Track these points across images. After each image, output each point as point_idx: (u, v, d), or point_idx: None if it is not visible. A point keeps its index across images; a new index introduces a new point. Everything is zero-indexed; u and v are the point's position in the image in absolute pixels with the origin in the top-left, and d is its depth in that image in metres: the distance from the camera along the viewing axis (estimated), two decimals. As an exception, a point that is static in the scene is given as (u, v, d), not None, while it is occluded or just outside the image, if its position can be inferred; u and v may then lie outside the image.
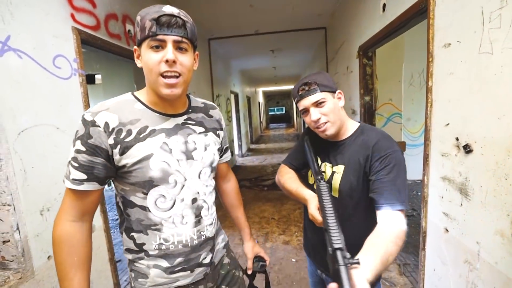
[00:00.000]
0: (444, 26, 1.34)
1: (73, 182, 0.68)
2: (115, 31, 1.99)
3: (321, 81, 0.89)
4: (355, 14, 2.79)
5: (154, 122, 0.74)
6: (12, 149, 1.18)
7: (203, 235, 0.82)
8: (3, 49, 1.17)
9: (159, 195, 0.74)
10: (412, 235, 2.73)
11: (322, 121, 0.89)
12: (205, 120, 0.87)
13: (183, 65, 0.70)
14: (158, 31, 0.66)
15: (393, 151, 0.83)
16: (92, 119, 0.68)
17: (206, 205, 0.84)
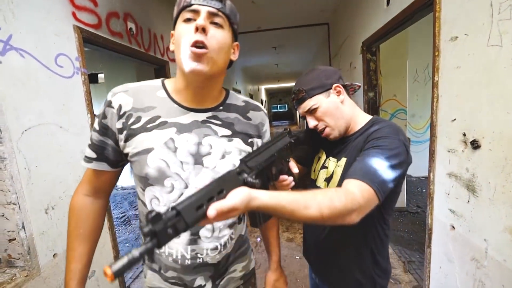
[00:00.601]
0: (451, 19, 1.31)
1: (84, 159, 0.69)
2: (117, 29, 1.98)
3: (309, 84, 0.84)
4: (358, 9, 2.75)
5: (169, 113, 0.66)
6: (16, 148, 1.18)
7: (199, 258, 0.69)
8: (5, 48, 1.17)
9: (153, 196, 0.68)
10: (417, 232, 2.71)
11: (321, 127, 0.85)
12: (237, 122, 0.73)
13: (214, 38, 0.60)
14: (193, 1, 0.60)
15: (388, 137, 0.74)
16: (110, 100, 0.65)
17: (210, 225, 0.70)
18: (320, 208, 0.55)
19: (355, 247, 0.86)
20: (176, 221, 0.42)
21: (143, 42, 2.33)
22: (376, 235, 0.84)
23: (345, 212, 0.59)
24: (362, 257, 0.86)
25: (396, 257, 2.37)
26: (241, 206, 0.47)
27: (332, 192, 0.61)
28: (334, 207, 0.57)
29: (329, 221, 0.58)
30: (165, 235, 0.41)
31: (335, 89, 0.84)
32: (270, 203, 0.51)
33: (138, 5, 2.27)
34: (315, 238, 0.96)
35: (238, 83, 7.52)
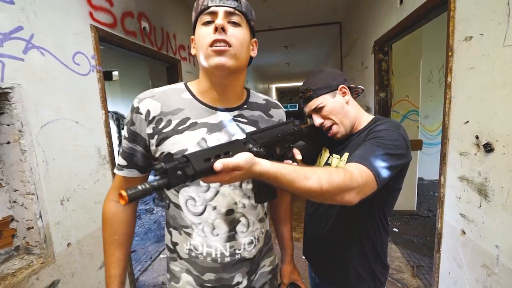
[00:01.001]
0: (465, 18, 1.28)
1: (117, 167, 0.72)
2: (131, 28, 2.04)
3: (316, 84, 0.88)
4: (371, 7, 2.71)
5: (197, 114, 0.68)
6: (35, 141, 1.24)
7: (238, 253, 0.71)
8: (27, 47, 1.23)
9: (189, 197, 0.68)
10: (427, 237, 2.65)
11: (327, 125, 0.89)
12: (261, 120, 0.76)
13: (234, 36, 0.63)
14: (210, 3, 0.63)
15: (388, 130, 0.77)
16: (137, 106, 0.67)
17: (245, 220, 0.72)
18: (319, 181, 0.57)
19: (357, 240, 0.88)
20: (185, 165, 0.45)
21: (156, 41, 2.38)
22: (377, 230, 0.87)
23: (344, 188, 0.59)
24: (364, 250, 0.88)
25: (404, 261, 2.33)
26: (245, 166, 0.49)
27: (332, 169, 0.63)
28: (333, 181, 0.58)
29: (327, 196, 0.59)
30: (175, 175, 0.44)
31: (341, 90, 0.89)
32: (272, 170, 0.52)
33: (152, 5, 2.33)
34: (316, 234, 0.98)
35: (249, 82, 7.53)
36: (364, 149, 0.72)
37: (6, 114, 1.17)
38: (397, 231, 2.82)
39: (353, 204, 0.62)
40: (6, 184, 1.23)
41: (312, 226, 1.01)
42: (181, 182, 0.45)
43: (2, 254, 1.22)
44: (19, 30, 1.19)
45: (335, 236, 0.91)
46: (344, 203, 0.62)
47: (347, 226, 0.88)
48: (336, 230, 0.90)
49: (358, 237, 0.88)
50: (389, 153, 0.70)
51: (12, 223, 1.26)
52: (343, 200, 0.61)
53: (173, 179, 0.44)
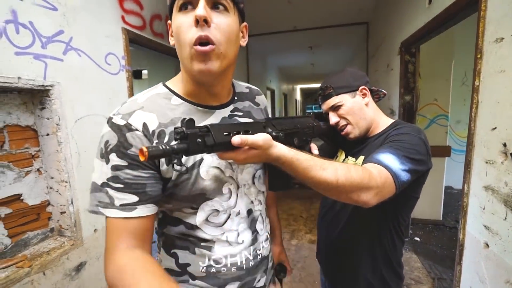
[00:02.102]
0: (496, 18, 1.21)
1: (123, 209, 0.51)
2: (159, 30, 2.16)
3: (338, 82, 0.87)
4: (398, 7, 2.61)
5: (197, 118, 0.58)
6: (70, 134, 1.38)
7: (259, 254, 0.68)
8: (67, 49, 1.36)
9: (212, 210, 0.60)
10: (452, 249, 2.50)
11: (342, 124, 0.88)
12: (252, 110, 0.71)
13: (220, 28, 0.51)
14: None
15: (408, 133, 0.74)
16: (126, 122, 0.52)
17: (261, 217, 0.69)
18: (336, 173, 0.53)
19: (368, 247, 0.86)
20: (205, 134, 0.44)
21: (181, 42, 2.49)
22: (390, 237, 0.84)
23: (361, 186, 0.56)
24: (375, 258, 0.85)
25: (425, 272, 2.23)
26: (263, 146, 0.47)
27: (350, 165, 0.59)
28: (351, 176, 0.55)
29: (343, 191, 0.55)
30: (195, 142, 0.43)
31: (361, 91, 0.87)
32: (288, 155, 0.50)
33: (179, 8, 2.44)
34: (327, 238, 0.97)
35: (272, 82, 7.55)
36: (383, 151, 0.69)
37: (47, 109, 1.31)
38: (419, 240, 2.69)
39: (370, 205, 0.59)
40: (44, 171, 1.38)
41: (323, 229, 1.00)
42: (199, 152, 0.44)
43: (40, 234, 1.36)
44: (60, 33, 1.32)
45: (345, 240, 0.90)
46: (360, 203, 0.58)
47: (358, 231, 0.87)
48: (347, 234, 0.89)
49: (369, 244, 0.86)
50: (409, 156, 0.67)
51: (48, 207, 1.40)
52: (359, 199, 0.57)
53: (193, 146, 0.42)
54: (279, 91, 8.94)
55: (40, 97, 1.30)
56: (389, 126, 0.86)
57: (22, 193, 1.27)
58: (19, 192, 1.25)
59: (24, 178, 1.28)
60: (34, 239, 1.34)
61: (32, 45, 1.20)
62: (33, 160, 1.33)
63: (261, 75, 6.20)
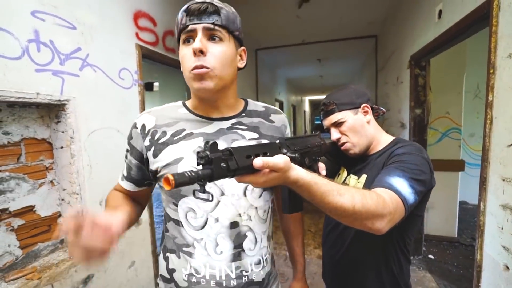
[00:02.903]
0: (509, 34, 1.19)
1: (122, 178, 0.76)
2: (171, 45, 2.23)
3: (340, 99, 0.89)
4: (408, 21, 2.61)
5: (193, 125, 0.68)
6: (83, 147, 1.41)
7: (245, 275, 0.65)
8: (83, 65, 1.42)
9: (188, 208, 0.65)
10: (468, 268, 2.39)
11: (343, 141, 0.89)
12: (262, 126, 0.73)
13: (214, 56, 0.60)
14: (188, 22, 0.60)
15: (411, 153, 0.75)
16: (135, 122, 0.71)
17: (252, 235, 0.66)
18: (353, 200, 0.52)
19: (374, 266, 0.85)
20: (228, 158, 0.44)
21: (192, 57, 2.56)
22: (395, 257, 0.83)
23: (376, 214, 0.55)
24: (381, 278, 0.84)
25: (440, 292, 2.12)
26: (284, 168, 0.46)
27: (365, 191, 0.58)
28: (367, 203, 0.54)
29: (358, 218, 0.54)
30: (219, 167, 0.42)
31: (363, 108, 0.89)
32: (306, 178, 0.48)
33: (190, 24, 2.53)
34: (331, 257, 0.95)
35: (281, 94, 7.61)
36: (389, 174, 0.69)
37: (62, 123, 1.35)
38: (433, 258, 2.58)
39: (382, 233, 0.57)
40: (57, 183, 1.41)
41: (328, 248, 0.99)
42: (223, 177, 0.43)
43: (50, 245, 1.38)
44: (77, 50, 1.39)
45: (350, 260, 0.88)
46: (374, 231, 0.57)
47: (363, 251, 0.85)
48: (352, 253, 0.88)
49: (375, 263, 0.84)
50: (415, 178, 0.68)
51: (60, 219, 1.43)
52: (373, 226, 0.56)
53: (217, 171, 0.42)
54: (288, 102, 8.98)
55: (56, 111, 1.35)
56: (390, 143, 0.87)
57: (35, 204, 1.30)
58: (32, 203, 1.28)
59: (38, 190, 1.31)
60: (44, 251, 1.35)
61: (51, 62, 1.25)
62: (47, 172, 1.37)
63: (270, 87, 6.26)
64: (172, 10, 2.25)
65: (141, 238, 1.87)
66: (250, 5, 3.09)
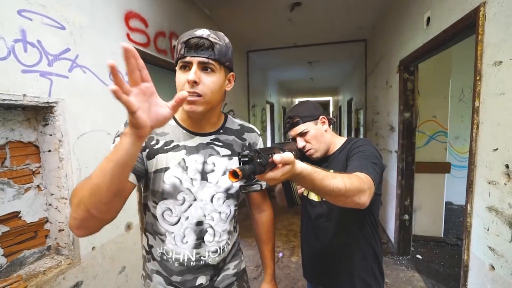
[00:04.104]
0: (495, 43, 1.24)
1: None
2: (162, 47, 2.20)
3: (303, 112, 1.03)
4: (397, 27, 2.68)
5: (179, 138, 0.79)
6: (72, 150, 1.37)
7: (203, 260, 0.80)
8: (72, 66, 1.38)
9: (166, 208, 0.78)
10: (455, 267, 2.46)
11: (307, 148, 1.04)
12: (235, 143, 0.85)
13: (206, 85, 0.72)
14: (186, 53, 0.71)
15: (365, 145, 0.94)
16: None
17: (212, 231, 0.81)
18: (343, 181, 0.66)
19: (357, 244, 0.99)
20: (260, 156, 0.53)
21: (184, 58, 2.53)
22: (370, 231, 1.00)
23: (360, 189, 0.69)
24: (364, 254, 0.99)
25: (428, 292, 2.18)
26: (293, 162, 0.56)
27: (347, 174, 0.73)
28: (353, 182, 0.68)
29: (350, 195, 0.67)
30: (257, 163, 0.51)
31: (321, 119, 1.06)
32: (308, 169, 0.60)
33: (182, 24, 2.50)
34: (316, 250, 1.07)
35: (272, 96, 7.64)
36: (358, 161, 0.87)
37: (50, 125, 1.31)
38: (421, 258, 2.65)
39: (365, 206, 0.71)
40: (44, 188, 1.36)
41: (311, 242, 1.09)
42: (258, 172, 0.52)
43: (36, 252, 1.33)
44: (66, 51, 1.34)
45: (336, 244, 1.01)
46: (360, 204, 0.70)
47: (346, 233, 1.00)
48: (337, 238, 1.01)
49: (357, 241, 0.99)
50: (374, 162, 0.86)
51: (46, 225, 1.38)
52: (360, 201, 0.69)
53: (257, 167, 0.51)
54: (279, 104, 9.03)
55: (43, 114, 1.30)
56: (345, 142, 1.05)
57: (21, 210, 1.25)
58: (17, 209, 1.23)
59: (24, 195, 1.26)
60: (30, 258, 1.30)
61: (39, 63, 1.21)
62: (33, 177, 1.32)
63: (261, 89, 6.27)
64: (164, 11, 2.22)
65: (131, 243, 1.83)
66: (242, 7, 3.09)
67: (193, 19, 2.79)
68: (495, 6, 1.24)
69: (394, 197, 2.75)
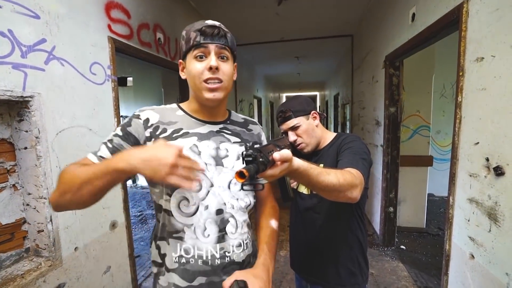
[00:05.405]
0: (477, 39, 1.27)
1: (98, 158, 0.67)
2: (146, 39, 2.12)
3: (296, 107, 1.04)
4: (383, 23, 2.71)
5: (189, 126, 0.78)
6: (50, 147, 1.30)
7: (227, 256, 0.74)
8: (49, 58, 1.30)
9: (182, 197, 0.72)
10: (436, 256, 2.57)
11: (299, 142, 1.05)
12: (243, 133, 0.86)
13: (225, 72, 0.73)
14: (202, 41, 0.71)
15: (355, 141, 0.97)
16: (138, 113, 0.76)
17: (234, 221, 0.76)
18: (337, 176, 0.69)
19: (344, 235, 1.02)
20: (262, 155, 0.55)
21: (169, 51, 2.46)
22: (357, 225, 1.02)
23: (352, 184, 0.71)
24: (351, 246, 1.02)
25: (411, 281, 2.26)
26: (291, 159, 0.58)
27: (340, 170, 0.76)
28: (346, 177, 0.71)
29: (343, 190, 0.69)
30: (260, 162, 0.53)
31: (313, 114, 1.07)
32: (305, 165, 0.62)
33: (167, 16, 2.42)
34: (304, 241, 1.09)
35: (259, 91, 7.60)
36: (348, 157, 0.89)
37: (25, 121, 1.23)
38: (405, 249, 2.75)
39: (357, 200, 0.74)
40: (21, 187, 1.29)
41: (300, 234, 1.11)
42: (261, 170, 0.53)
43: (13, 255, 1.26)
44: (42, 42, 1.26)
45: (324, 236, 1.04)
46: (352, 199, 0.72)
47: (334, 225, 1.03)
48: (325, 230, 1.03)
49: (344, 233, 1.02)
50: (363, 157, 0.89)
51: (24, 226, 1.31)
52: (352, 195, 0.72)
53: (260, 165, 0.52)
54: (266, 99, 9.01)
55: (18, 109, 1.22)
56: (335, 137, 1.07)
57: (-5, 211, 1.18)
58: (-9, 210, 1.16)
59: (-2, 195, 1.19)
60: (7, 261, 1.23)
61: (11, 54, 1.13)
62: (8, 176, 1.24)
63: (248, 84, 6.22)
64: (148, 2, 2.13)
65: (117, 241, 1.77)
66: (230, 1, 3.03)
67: (179, 12, 2.71)
68: (477, 3, 1.27)
69: (380, 190, 2.82)
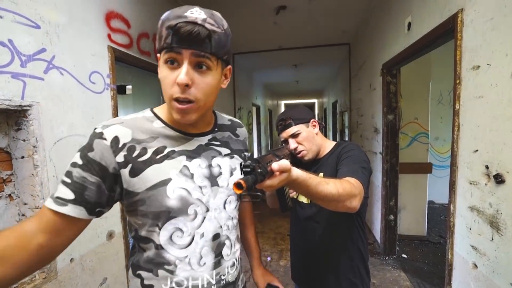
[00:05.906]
0: (472, 48, 1.29)
1: (55, 201, 0.54)
2: (146, 48, 2.14)
3: (296, 115, 1.06)
4: (379, 31, 2.76)
5: (173, 142, 0.64)
6: (48, 157, 1.29)
7: (223, 279, 0.69)
8: (48, 67, 1.30)
9: (175, 229, 0.62)
10: (438, 265, 2.53)
11: (299, 149, 1.05)
12: (231, 141, 0.77)
13: (200, 88, 0.57)
14: (174, 43, 0.54)
15: (354, 149, 0.97)
16: (100, 131, 0.58)
17: (229, 242, 0.71)
18: (336, 186, 0.67)
19: (344, 245, 1.01)
20: (260, 166, 0.53)
21: (169, 60, 2.47)
22: (358, 234, 1.01)
23: (352, 194, 0.71)
24: (350, 255, 1.01)
25: (414, 290, 2.22)
26: (290, 169, 0.56)
27: (339, 179, 0.75)
28: (346, 187, 0.70)
29: (342, 200, 0.69)
30: (258, 173, 0.51)
31: (312, 123, 1.09)
32: (304, 174, 0.61)
33: (167, 26, 2.44)
34: (305, 252, 1.08)
35: (258, 98, 7.64)
36: (348, 166, 0.89)
37: (23, 130, 1.22)
38: (406, 258, 2.71)
39: (356, 210, 0.74)
40: (17, 197, 1.27)
41: (300, 243, 1.10)
42: (259, 181, 0.52)
43: (7, 267, 1.23)
44: (42, 52, 1.27)
45: (324, 246, 1.03)
46: (351, 209, 0.72)
47: (334, 234, 1.02)
48: (325, 240, 1.02)
49: (345, 242, 1.01)
50: (363, 166, 0.89)
51: (19, 236, 1.28)
52: (351, 205, 0.71)
53: (259, 176, 0.51)
54: (265, 107, 9.05)
55: (16, 118, 1.21)
56: (334, 146, 1.08)
57: (-10, 222, 1.15)
58: (-14, 221, 1.14)
59: (-7, 206, 1.17)
60: (1, 274, 1.20)
61: (11, 64, 1.13)
62: (4, 185, 1.23)
63: (247, 91, 6.26)
64: (147, 12, 2.16)
65: (113, 252, 1.74)
66: (228, 10, 3.07)
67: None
68: (472, 13, 1.29)
69: (379, 198, 2.81)
